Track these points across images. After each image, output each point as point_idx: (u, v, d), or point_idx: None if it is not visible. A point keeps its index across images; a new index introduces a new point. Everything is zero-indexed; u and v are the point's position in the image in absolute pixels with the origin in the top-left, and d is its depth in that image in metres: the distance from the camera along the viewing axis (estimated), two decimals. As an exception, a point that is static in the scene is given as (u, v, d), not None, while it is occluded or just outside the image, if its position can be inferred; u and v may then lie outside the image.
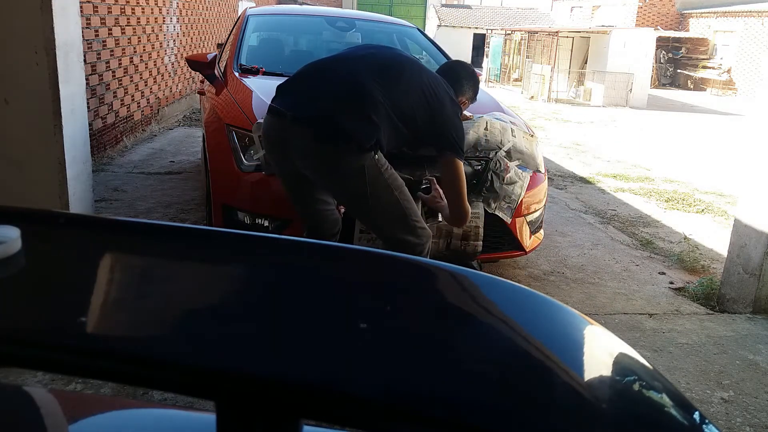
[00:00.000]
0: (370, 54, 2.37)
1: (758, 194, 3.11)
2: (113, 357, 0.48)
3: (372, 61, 2.29)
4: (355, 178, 2.15)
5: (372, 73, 2.22)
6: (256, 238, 0.72)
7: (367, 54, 2.37)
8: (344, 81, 2.21)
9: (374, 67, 2.25)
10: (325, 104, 2.18)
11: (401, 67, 2.30)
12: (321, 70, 2.32)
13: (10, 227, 0.59)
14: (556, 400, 0.50)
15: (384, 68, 2.27)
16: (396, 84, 2.22)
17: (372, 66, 2.26)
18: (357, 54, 2.41)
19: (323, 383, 0.46)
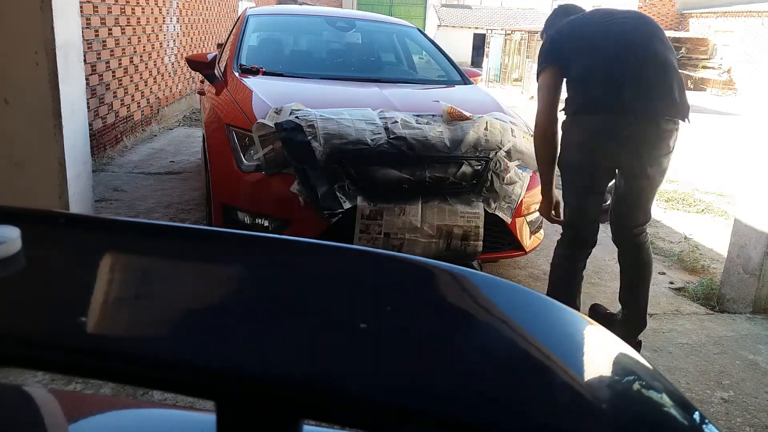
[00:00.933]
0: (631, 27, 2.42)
1: (758, 194, 3.11)
2: (113, 357, 0.48)
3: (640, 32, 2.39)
4: (670, 151, 2.39)
5: (649, 39, 2.34)
6: (256, 238, 0.72)
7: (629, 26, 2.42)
8: (646, 60, 2.30)
9: (647, 35, 2.36)
10: (654, 91, 2.28)
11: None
12: (616, 59, 2.32)
13: (10, 227, 0.59)
14: (556, 400, 0.50)
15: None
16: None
17: (644, 35, 2.36)
18: (624, 28, 2.41)
19: (323, 383, 0.46)
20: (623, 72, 2.28)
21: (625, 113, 2.26)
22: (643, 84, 2.27)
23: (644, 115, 2.27)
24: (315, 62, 4.29)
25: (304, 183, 2.66)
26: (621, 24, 2.38)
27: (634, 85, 2.26)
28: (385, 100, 3.20)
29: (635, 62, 2.29)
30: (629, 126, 2.26)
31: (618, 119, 2.27)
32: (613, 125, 2.28)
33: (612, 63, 2.30)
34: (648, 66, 2.29)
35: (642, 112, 2.26)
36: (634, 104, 2.26)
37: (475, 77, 4.31)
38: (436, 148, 2.77)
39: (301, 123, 2.71)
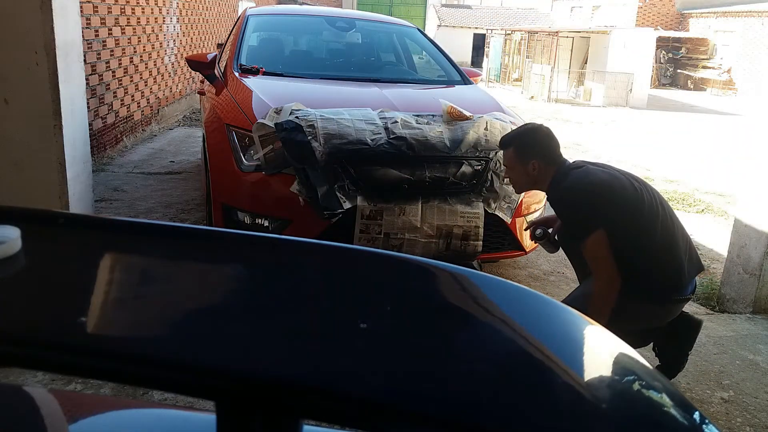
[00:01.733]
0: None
1: (758, 194, 3.11)
2: (113, 357, 0.48)
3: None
4: None
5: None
6: (256, 238, 0.72)
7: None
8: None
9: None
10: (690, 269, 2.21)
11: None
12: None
13: (10, 227, 0.59)
14: (556, 400, 0.50)
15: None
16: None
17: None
18: None
19: (323, 383, 0.46)
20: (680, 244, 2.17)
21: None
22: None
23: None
24: (315, 62, 4.29)
25: (304, 183, 2.66)
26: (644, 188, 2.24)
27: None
28: (385, 100, 3.19)
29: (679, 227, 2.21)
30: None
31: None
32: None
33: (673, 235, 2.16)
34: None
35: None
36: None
37: (475, 77, 4.31)
38: (436, 148, 2.77)
39: (301, 123, 2.71)
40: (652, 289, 2.13)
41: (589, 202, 2.13)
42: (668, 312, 2.21)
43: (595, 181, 2.18)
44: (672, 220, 2.18)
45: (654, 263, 2.12)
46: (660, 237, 2.13)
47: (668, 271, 2.13)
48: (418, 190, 2.77)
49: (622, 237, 2.10)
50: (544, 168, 2.27)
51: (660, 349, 2.44)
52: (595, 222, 2.10)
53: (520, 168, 2.32)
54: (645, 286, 2.11)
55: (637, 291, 2.10)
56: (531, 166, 2.28)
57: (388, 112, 2.92)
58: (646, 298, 2.13)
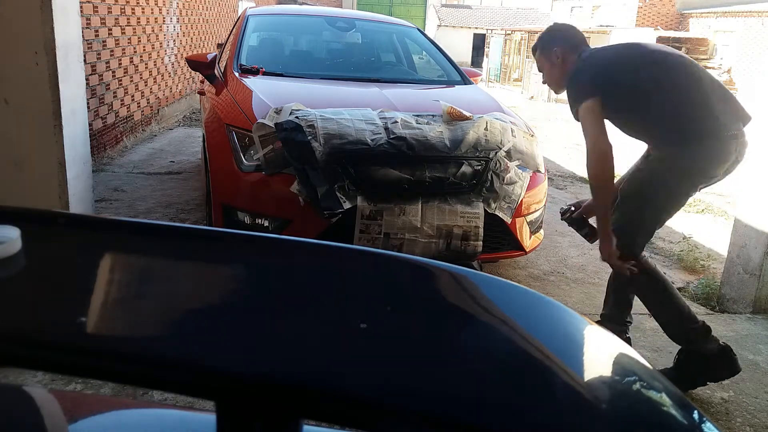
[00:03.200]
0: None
1: (758, 194, 3.11)
2: (113, 357, 0.48)
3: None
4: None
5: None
6: (256, 238, 0.72)
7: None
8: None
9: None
10: (728, 109, 2.27)
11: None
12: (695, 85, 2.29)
13: (10, 227, 0.59)
14: (556, 400, 0.50)
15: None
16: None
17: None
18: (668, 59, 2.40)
19: (324, 383, 0.46)
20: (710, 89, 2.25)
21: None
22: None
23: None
24: (315, 62, 4.29)
25: (304, 183, 2.66)
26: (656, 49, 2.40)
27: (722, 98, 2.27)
28: (385, 100, 3.20)
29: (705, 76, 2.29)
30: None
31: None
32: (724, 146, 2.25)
33: (700, 84, 2.26)
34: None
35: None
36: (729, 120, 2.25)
37: (475, 77, 4.31)
38: (436, 148, 2.77)
39: (301, 123, 2.71)
40: (690, 134, 2.20)
41: (588, 75, 2.27)
42: (717, 152, 2.22)
43: (596, 59, 2.32)
44: (698, 77, 2.27)
45: (681, 116, 2.22)
46: (681, 94, 2.23)
47: (697, 120, 2.20)
48: (418, 190, 2.77)
49: (618, 105, 2.23)
50: (568, 54, 2.37)
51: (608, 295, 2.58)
52: (589, 90, 2.22)
53: (546, 62, 2.43)
54: (682, 135, 2.21)
55: (678, 140, 2.21)
56: (554, 54, 2.39)
57: (388, 112, 2.92)
58: (687, 143, 2.20)
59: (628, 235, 2.33)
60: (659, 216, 2.38)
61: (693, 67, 2.33)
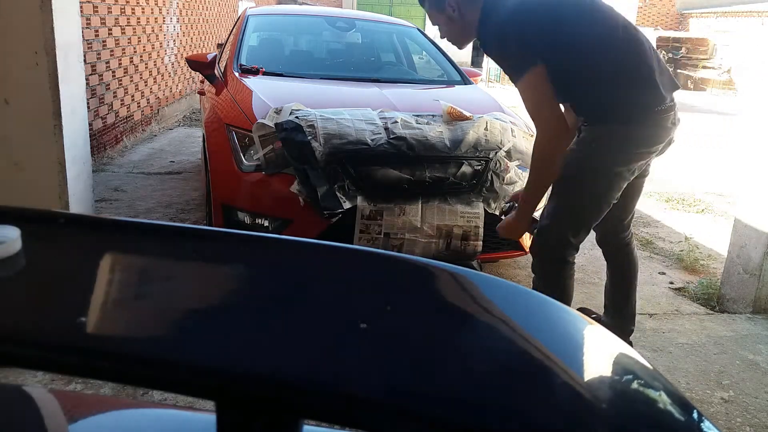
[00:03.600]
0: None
1: (758, 194, 3.11)
2: (113, 357, 0.48)
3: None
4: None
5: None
6: (256, 238, 0.72)
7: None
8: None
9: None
10: (665, 80, 2.03)
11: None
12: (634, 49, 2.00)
13: (10, 227, 0.59)
14: (556, 401, 0.50)
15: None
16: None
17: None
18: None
19: (323, 383, 0.46)
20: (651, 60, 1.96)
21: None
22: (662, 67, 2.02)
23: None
24: (315, 62, 4.29)
25: (304, 183, 2.66)
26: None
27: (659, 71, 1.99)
28: (385, 100, 3.20)
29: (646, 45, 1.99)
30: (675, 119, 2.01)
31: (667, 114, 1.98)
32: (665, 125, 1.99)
33: (639, 53, 1.95)
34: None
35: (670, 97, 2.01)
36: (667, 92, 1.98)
37: (475, 77, 4.31)
38: (436, 148, 2.77)
39: (301, 123, 2.71)
40: (630, 108, 1.95)
41: (519, 33, 1.87)
42: (656, 128, 1.98)
43: (522, 8, 1.91)
44: (635, 37, 2.00)
45: (620, 85, 1.95)
46: (618, 59, 1.95)
47: (638, 89, 1.96)
48: (418, 190, 2.77)
49: (567, 65, 1.89)
50: (466, 5, 1.98)
51: (609, 301, 2.52)
52: (529, 56, 1.84)
53: (440, 16, 2.04)
54: (620, 109, 1.95)
55: (614, 116, 1.95)
56: (449, 8, 1.99)
57: (388, 112, 2.92)
58: (627, 119, 1.95)
59: (564, 225, 2.11)
60: (600, 204, 2.09)
61: (633, 28, 2.03)
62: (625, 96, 1.97)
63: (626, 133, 1.98)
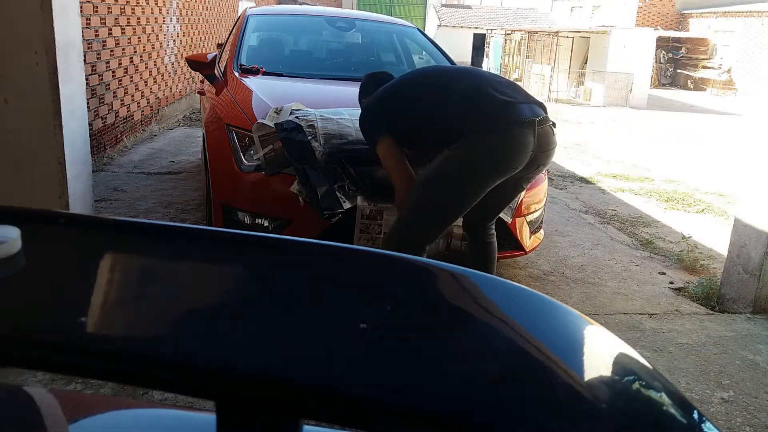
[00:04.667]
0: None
1: (758, 194, 3.11)
2: (113, 357, 0.48)
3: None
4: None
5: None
6: (256, 238, 0.72)
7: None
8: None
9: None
10: (518, 97, 2.34)
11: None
12: (482, 84, 2.36)
13: (10, 227, 0.59)
14: (556, 400, 0.50)
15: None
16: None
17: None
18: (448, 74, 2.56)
19: (323, 383, 0.46)
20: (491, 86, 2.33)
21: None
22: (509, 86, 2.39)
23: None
24: (315, 62, 4.29)
25: (304, 183, 2.66)
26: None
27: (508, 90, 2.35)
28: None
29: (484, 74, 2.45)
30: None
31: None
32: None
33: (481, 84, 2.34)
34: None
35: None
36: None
37: (475, 77, 4.30)
38: (436, 148, 2.77)
39: (301, 123, 2.71)
40: (478, 126, 2.24)
41: (367, 116, 2.41)
42: (514, 139, 2.23)
43: (370, 100, 2.45)
44: (471, 75, 2.41)
45: (461, 116, 2.26)
46: (459, 98, 2.28)
47: (482, 110, 2.26)
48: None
49: (410, 126, 2.34)
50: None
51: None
52: (377, 130, 2.34)
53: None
54: (468, 130, 2.24)
55: (461, 136, 2.23)
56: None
57: (388, 112, 2.91)
58: (476, 135, 2.23)
59: (409, 226, 2.35)
60: (445, 214, 2.35)
61: (463, 67, 2.55)
62: (468, 123, 2.26)
63: (476, 147, 2.23)
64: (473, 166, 2.23)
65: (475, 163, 2.23)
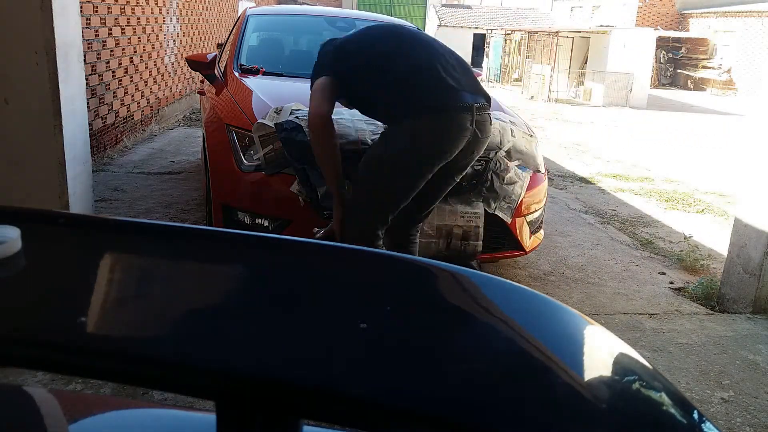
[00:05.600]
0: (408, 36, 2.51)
1: (758, 194, 3.11)
2: (113, 357, 0.48)
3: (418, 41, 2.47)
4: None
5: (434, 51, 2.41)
6: (256, 238, 0.72)
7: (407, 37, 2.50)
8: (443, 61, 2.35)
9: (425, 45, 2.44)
10: (463, 83, 2.33)
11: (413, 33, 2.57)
12: (423, 60, 2.35)
13: (10, 227, 0.59)
14: (556, 400, 0.50)
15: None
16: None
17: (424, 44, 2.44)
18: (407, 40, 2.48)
19: (323, 383, 0.46)
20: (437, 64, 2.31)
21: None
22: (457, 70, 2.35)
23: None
24: (315, 62, 4.28)
25: (304, 183, 2.66)
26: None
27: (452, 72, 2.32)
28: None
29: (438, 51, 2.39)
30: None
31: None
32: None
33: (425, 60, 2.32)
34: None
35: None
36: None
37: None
38: (436, 148, 2.77)
39: (301, 123, 2.71)
40: (417, 107, 2.25)
41: (319, 58, 2.45)
42: (451, 122, 2.24)
43: (327, 45, 2.49)
44: (427, 51, 2.37)
45: (402, 90, 2.28)
46: (401, 70, 2.29)
47: (424, 88, 2.27)
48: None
49: (357, 81, 2.36)
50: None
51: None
52: (323, 71, 2.37)
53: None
54: (407, 109, 2.26)
55: (403, 114, 2.26)
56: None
57: (388, 112, 2.91)
58: (415, 115, 2.25)
59: (361, 211, 2.38)
60: (393, 194, 2.34)
61: (425, 38, 2.48)
62: (410, 99, 2.26)
63: (415, 127, 2.24)
64: (412, 146, 2.26)
65: (415, 144, 2.25)
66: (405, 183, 2.31)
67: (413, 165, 2.28)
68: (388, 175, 2.32)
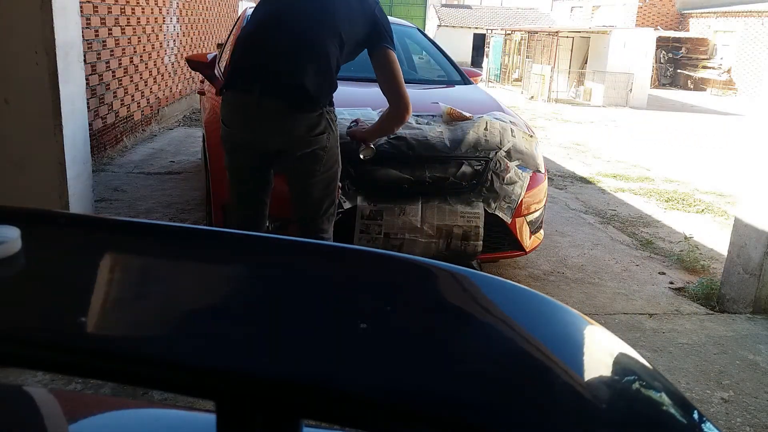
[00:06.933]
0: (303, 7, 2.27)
1: (758, 194, 3.11)
2: (113, 357, 0.48)
3: (310, 12, 2.24)
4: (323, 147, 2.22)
5: (318, 25, 2.21)
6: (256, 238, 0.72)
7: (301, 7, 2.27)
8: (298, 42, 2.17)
9: (315, 17, 2.22)
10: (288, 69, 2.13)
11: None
12: (273, 37, 2.20)
13: (10, 227, 0.59)
14: (556, 400, 0.50)
15: (320, 12, 2.23)
16: (335, 21, 2.23)
17: (312, 16, 2.22)
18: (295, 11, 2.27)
19: (323, 383, 0.46)
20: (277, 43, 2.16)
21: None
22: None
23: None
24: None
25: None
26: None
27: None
28: (385, 99, 3.19)
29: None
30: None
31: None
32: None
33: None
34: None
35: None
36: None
37: (475, 77, 4.30)
38: (436, 148, 2.77)
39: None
40: (230, 76, 2.19)
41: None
42: (236, 103, 2.16)
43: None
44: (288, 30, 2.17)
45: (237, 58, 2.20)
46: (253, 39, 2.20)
47: (245, 58, 2.18)
48: (418, 190, 2.77)
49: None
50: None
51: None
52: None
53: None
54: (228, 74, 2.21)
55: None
56: None
57: (388, 112, 2.91)
58: (227, 85, 2.19)
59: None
60: (234, 176, 2.33)
61: (307, 22, 2.20)
62: (234, 65, 2.20)
63: (224, 101, 2.21)
64: (222, 121, 2.23)
65: (222, 119, 2.23)
66: (232, 171, 2.37)
67: (226, 145, 2.31)
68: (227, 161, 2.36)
